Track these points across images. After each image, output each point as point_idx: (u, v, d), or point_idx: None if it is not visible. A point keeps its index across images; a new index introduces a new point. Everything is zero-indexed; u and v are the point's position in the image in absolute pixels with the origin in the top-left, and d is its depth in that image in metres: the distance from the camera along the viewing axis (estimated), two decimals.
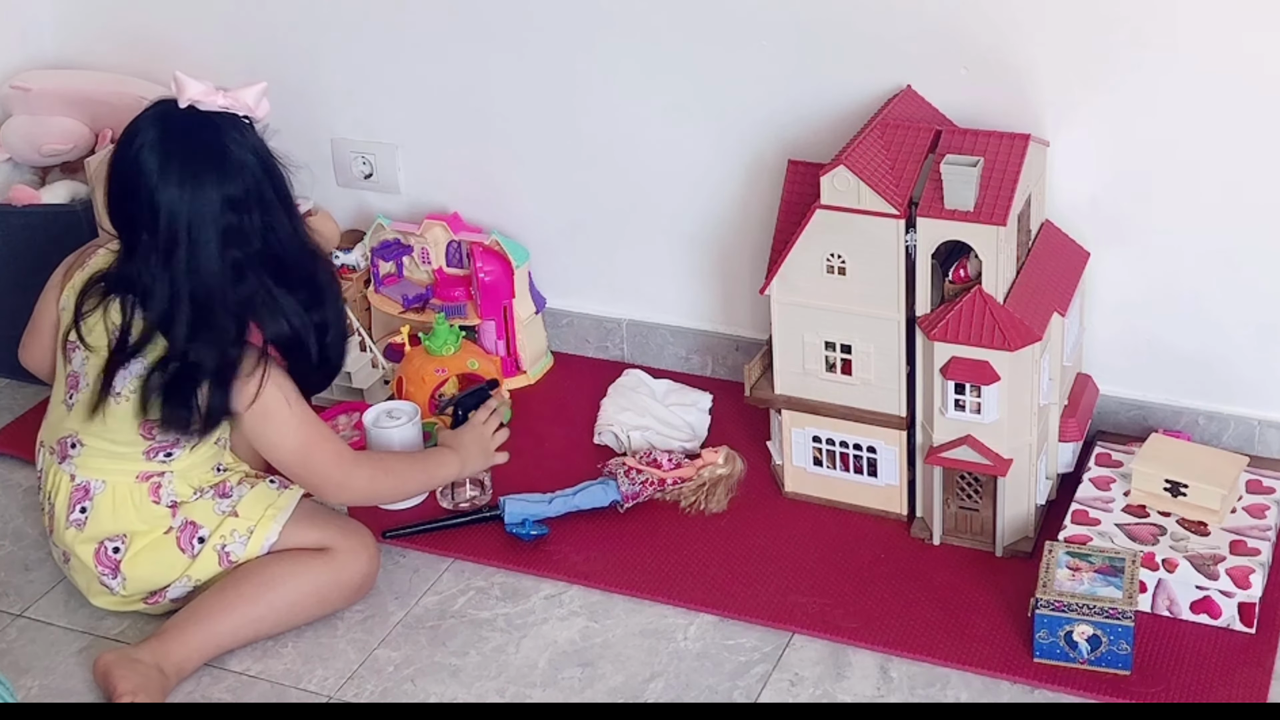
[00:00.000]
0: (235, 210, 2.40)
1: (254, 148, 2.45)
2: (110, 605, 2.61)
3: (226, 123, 2.45)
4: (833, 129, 2.83)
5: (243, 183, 2.41)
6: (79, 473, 2.54)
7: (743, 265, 3.05)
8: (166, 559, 2.53)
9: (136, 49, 3.30)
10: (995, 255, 2.49)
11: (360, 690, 2.49)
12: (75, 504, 2.54)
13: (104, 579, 2.54)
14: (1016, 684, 2.42)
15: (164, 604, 2.57)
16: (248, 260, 2.43)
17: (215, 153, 2.41)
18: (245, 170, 2.42)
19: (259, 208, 2.43)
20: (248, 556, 2.54)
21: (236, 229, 2.41)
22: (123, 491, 2.52)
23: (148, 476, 2.53)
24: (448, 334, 3.02)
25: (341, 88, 3.23)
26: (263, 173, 2.44)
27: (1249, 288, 2.70)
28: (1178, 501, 2.58)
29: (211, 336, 2.42)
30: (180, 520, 2.53)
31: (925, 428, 2.64)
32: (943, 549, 2.68)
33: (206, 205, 2.38)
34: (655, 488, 2.79)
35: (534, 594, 2.66)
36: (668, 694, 2.45)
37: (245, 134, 2.46)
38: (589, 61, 3.00)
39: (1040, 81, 2.68)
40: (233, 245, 2.41)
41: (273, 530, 2.55)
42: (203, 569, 2.54)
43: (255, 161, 2.44)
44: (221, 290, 2.41)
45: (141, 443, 2.51)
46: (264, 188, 2.44)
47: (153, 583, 2.54)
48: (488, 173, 3.18)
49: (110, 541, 2.52)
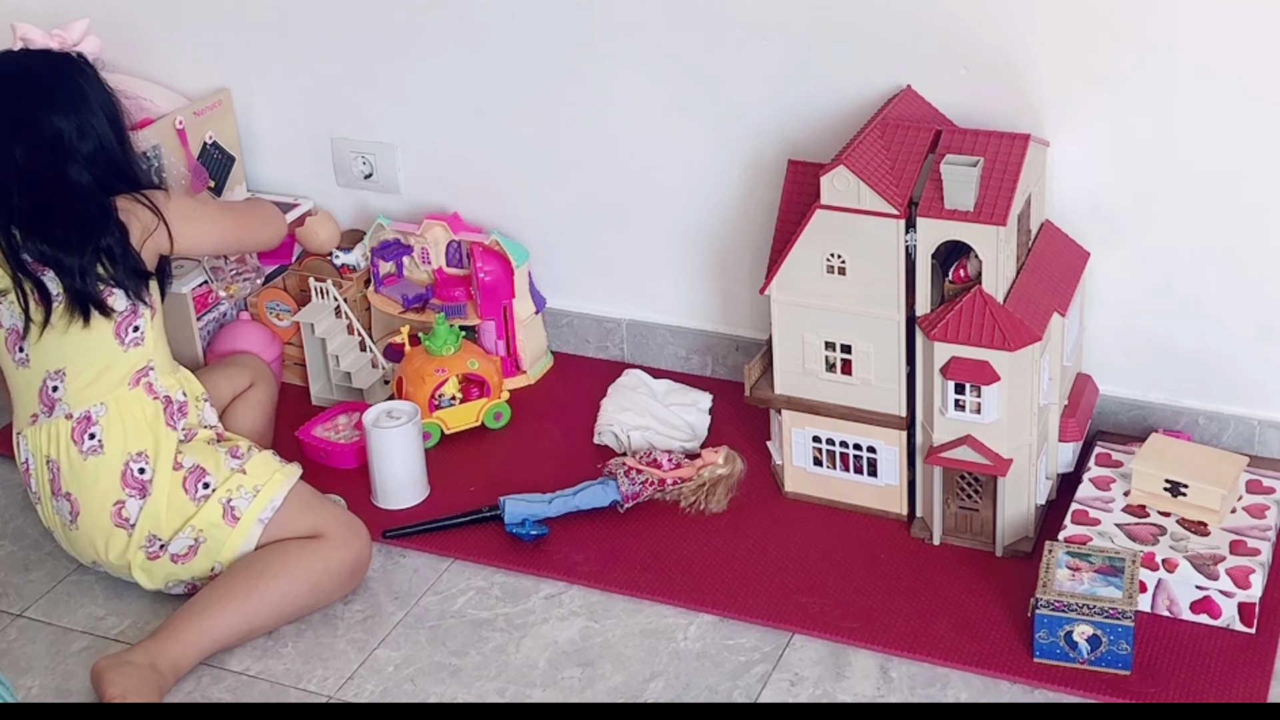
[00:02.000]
0: (69, 130, 2.57)
1: (83, 78, 2.62)
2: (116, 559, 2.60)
3: (57, 57, 2.64)
4: (833, 129, 2.83)
5: (73, 108, 2.58)
6: (74, 406, 2.59)
7: (743, 265, 3.05)
8: (175, 501, 2.57)
9: (133, 49, 3.30)
10: (995, 255, 2.49)
11: (360, 690, 2.49)
12: (82, 435, 2.58)
13: (123, 511, 2.56)
14: (1016, 684, 2.42)
15: (163, 561, 2.58)
16: (86, 165, 2.58)
17: (45, 83, 2.59)
18: (74, 96, 2.59)
19: (89, 131, 2.59)
20: (251, 516, 2.58)
21: (67, 147, 2.57)
22: (125, 403, 2.59)
23: (137, 379, 2.61)
24: (448, 334, 3.02)
25: (341, 88, 3.23)
26: (91, 99, 2.61)
27: (1249, 288, 2.70)
28: (1178, 501, 2.58)
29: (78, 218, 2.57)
30: (190, 462, 2.59)
31: (925, 428, 2.64)
32: (943, 549, 2.68)
33: (38, 128, 2.56)
34: (655, 488, 2.79)
35: (534, 594, 2.66)
36: (668, 694, 2.45)
37: (75, 66, 2.63)
38: (589, 61, 3.00)
39: (1040, 81, 2.68)
40: (67, 159, 2.56)
41: (278, 495, 2.60)
42: (206, 519, 2.57)
43: (83, 89, 2.61)
44: (73, 189, 2.57)
45: (108, 325, 2.58)
46: (93, 113, 2.60)
47: (159, 519, 2.57)
48: (488, 173, 3.18)
49: (135, 461, 2.58)
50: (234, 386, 2.90)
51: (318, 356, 3.15)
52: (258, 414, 2.91)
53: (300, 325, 3.13)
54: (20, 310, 2.57)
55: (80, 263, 2.53)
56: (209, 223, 2.75)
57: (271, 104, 3.31)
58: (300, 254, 3.26)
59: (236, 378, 2.91)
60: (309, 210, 3.28)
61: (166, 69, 3.31)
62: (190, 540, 2.58)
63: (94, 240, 2.54)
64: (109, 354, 2.60)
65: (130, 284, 2.58)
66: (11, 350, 2.63)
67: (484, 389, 3.04)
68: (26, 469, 2.66)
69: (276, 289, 3.19)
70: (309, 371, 3.16)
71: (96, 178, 2.58)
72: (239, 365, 2.96)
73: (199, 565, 2.59)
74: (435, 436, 3.00)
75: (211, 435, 2.67)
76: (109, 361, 2.60)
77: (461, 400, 3.03)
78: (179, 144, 3.18)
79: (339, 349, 3.11)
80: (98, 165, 2.58)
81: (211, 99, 3.27)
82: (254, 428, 2.88)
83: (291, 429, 3.01)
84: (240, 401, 2.89)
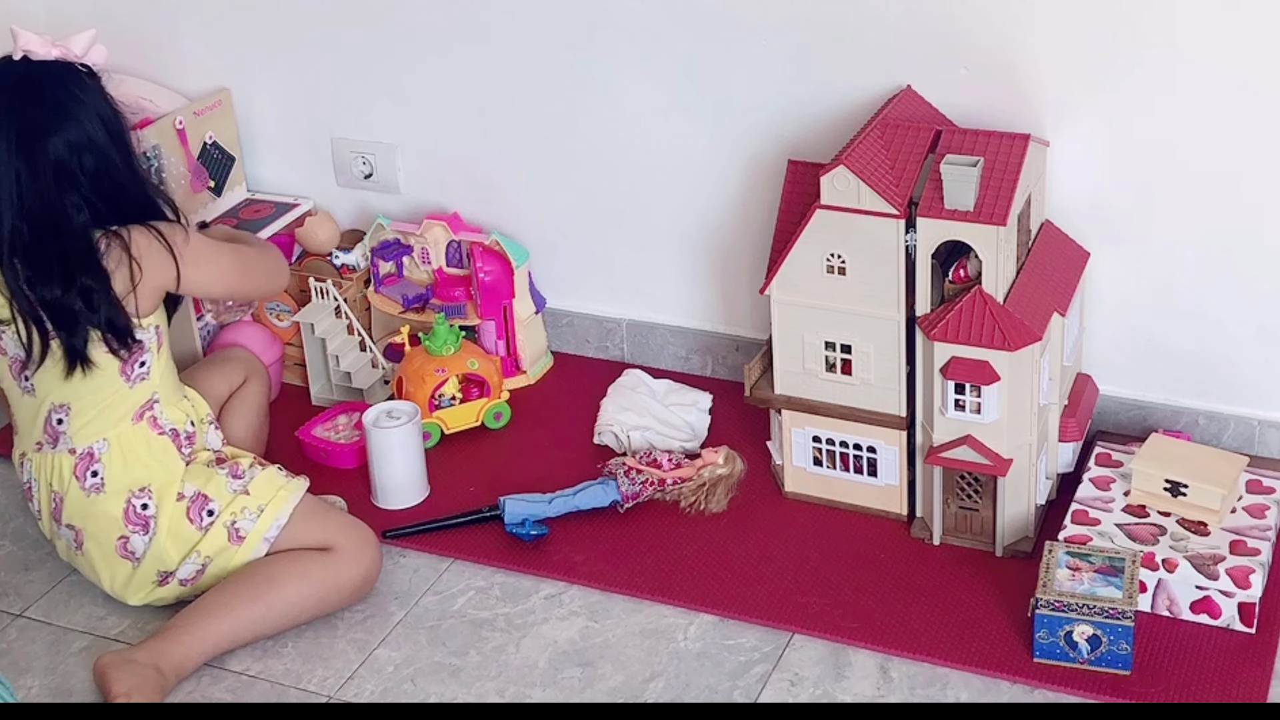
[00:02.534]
0: (70, 152, 2.49)
1: (85, 93, 2.53)
2: (122, 589, 2.60)
3: (60, 70, 2.53)
4: (833, 129, 2.83)
5: (76, 126, 2.50)
6: (78, 442, 2.57)
7: (743, 265, 3.05)
8: (179, 530, 2.56)
9: (133, 49, 3.30)
10: (995, 255, 2.49)
11: (360, 690, 2.49)
12: (84, 472, 2.57)
13: (128, 545, 2.56)
14: (1016, 684, 2.42)
15: (172, 586, 2.58)
16: (84, 199, 2.50)
17: (47, 100, 2.50)
18: (77, 114, 2.51)
19: (90, 150, 2.51)
20: (256, 534, 2.56)
21: (69, 170, 2.49)
22: (128, 439, 2.57)
23: (141, 414, 2.58)
24: (448, 334, 3.02)
25: (342, 88, 3.23)
26: (95, 116, 2.53)
27: (1249, 288, 2.70)
28: (1178, 501, 2.58)
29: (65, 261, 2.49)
30: (191, 490, 2.57)
31: (925, 428, 2.64)
32: (943, 549, 2.68)
33: (40, 151, 2.47)
34: (655, 488, 2.79)
35: (534, 594, 2.66)
36: (668, 694, 2.45)
37: (78, 81, 2.54)
38: (589, 61, 3.00)
39: (1040, 81, 2.68)
40: (68, 187, 2.49)
41: (283, 512, 2.58)
42: (212, 544, 2.56)
43: (87, 105, 2.53)
44: (65, 225, 2.48)
45: (114, 363, 2.54)
46: (95, 130, 2.52)
47: (165, 556, 2.56)
48: (488, 173, 3.18)
49: (137, 498, 2.56)
50: (229, 383, 2.89)
51: (318, 356, 3.15)
52: (253, 411, 2.90)
53: (300, 325, 3.13)
54: (22, 343, 2.53)
55: (66, 302, 2.47)
56: (219, 273, 2.68)
57: (271, 104, 3.31)
58: (300, 254, 3.26)
59: (231, 374, 2.90)
60: (309, 210, 3.28)
61: (166, 69, 3.31)
62: (198, 565, 2.57)
63: (75, 281, 2.48)
64: (114, 391, 2.57)
65: (107, 331, 2.51)
66: (16, 378, 2.60)
67: (484, 389, 3.04)
68: (29, 488, 2.65)
69: None
70: (309, 371, 3.16)
71: (100, 204, 2.52)
72: (233, 361, 2.95)
73: (207, 585, 2.58)
74: (435, 436, 3.00)
75: (211, 457, 2.64)
76: (113, 399, 2.57)
77: (461, 400, 3.03)
78: (179, 144, 3.18)
79: (339, 349, 3.11)
80: (101, 187, 2.52)
81: (211, 99, 3.27)
82: (250, 425, 2.87)
83: (291, 429, 3.01)
84: (235, 399, 2.89)
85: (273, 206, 3.27)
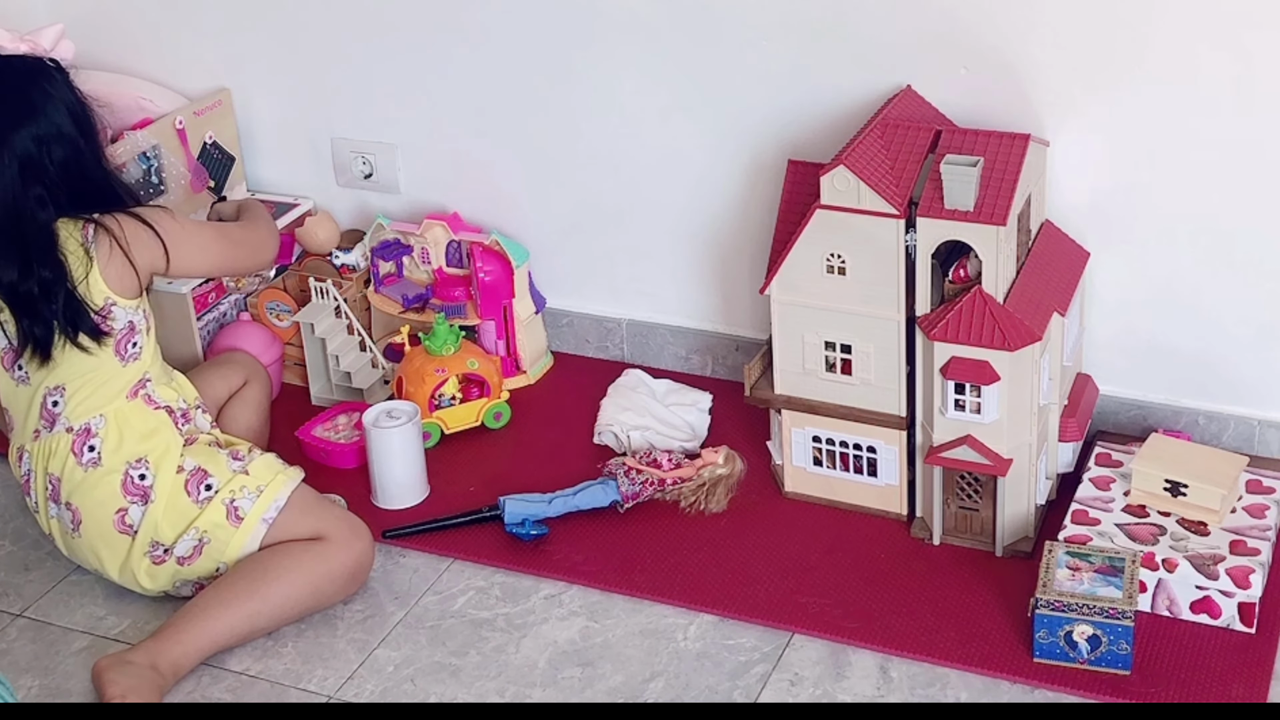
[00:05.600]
0: (38, 145, 2.52)
1: (54, 86, 2.56)
2: (119, 569, 2.61)
3: (30, 65, 2.57)
4: (833, 129, 2.83)
5: (44, 120, 2.53)
6: (74, 420, 2.59)
7: (743, 265, 3.05)
8: (177, 503, 2.57)
9: (133, 50, 3.30)
10: (995, 255, 2.49)
11: (360, 690, 2.49)
12: (82, 447, 2.58)
13: (126, 518, 2.57)
14: (1016, 684, 2.42)
15: (169, 565, 2.58)
16: (50, 191, 2.53)
17: (14, 94, 2.53)
18: (45, 108, 2.54)
19: (59, 142, 2.54)
20: (255, 515, 2.57)
21: (37, 163, 2.52)
22: (124, 414, 2.60)
23: (135, 391, 2.60)
24: (448, 334, 3.02)
25: (341, 88, 3.23)
26: (63, 109, 2.56)
27: (1249, 288, 2.70)
28: (1178, 501, 2.58)
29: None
30: (191, 464, 2.59)
31: (925, 428, 2.64)
32: (943, 549, 2.68)
33: (4, 144, 2.50)
34: (655, 488, 2.79)
35: (534, 594, 2.66)
36: (668, 694, 2.45)
37: (46, 75, 2.57)
38: (588, 61, 3.00)
39: (1040, 81, 2.68)
40: (32, 179, 2.51)
41: (282, 494, 2.60)
42: (209, 520, 2.57)
43: (55, 99, 2.56)
44: (27, 216, 2.51)
45: (109, 344, 2.57)
46: (63, 123, 2.55)
47: (160, 527, 2.57)
48: (488, 173, 3.18)
49: (134, 469, 2.57)
50: (229, 385, 2.90)
51: (318, 356, 3.15)
52: (253, 412, 2.91)
53: (300, 325, 3.13)
54: (13, 332, 2.56)
55: (24, 288, 2.51)
56: (206, 247, 2.73)
57: (271, 104, 3.31)
58: (300, 254, 3.26)
59: (231, 376, 2.91)
60: (308, 210, 3.28)
61: (166, 69, 3.32)
62: (194, 541, 2.58)
63: (34, 271, 2.51)
64: (109, 370, 2.59)
65: (65, 323, 2.54)
66: (10, 369, 2.62)
67: (484, 389, 3.04)
68: (27, 481, 2.66)
69: (276, 289, 3.19)
70: (309, 371, 3.16)
71: (66, 195, 2.54)
72: (233, 364, 2.96)
73: (204, 566, 2.59)
74: (435, 436, 3.00)
75: (212, 439, 2.67)
76: (109, 377, 2.60)
77: (461, 400, 3.03)
78: (179, 144, 3.18)
79: (339, 349, 3.11)
80: (69, 180, 2.55)
81: (211, 99, 3.27)
82: (250, 426, 2.88)
83: (291, 429, 3.01)
84: (236, 400, 2.90)
85: (273, 206, 3.27)
